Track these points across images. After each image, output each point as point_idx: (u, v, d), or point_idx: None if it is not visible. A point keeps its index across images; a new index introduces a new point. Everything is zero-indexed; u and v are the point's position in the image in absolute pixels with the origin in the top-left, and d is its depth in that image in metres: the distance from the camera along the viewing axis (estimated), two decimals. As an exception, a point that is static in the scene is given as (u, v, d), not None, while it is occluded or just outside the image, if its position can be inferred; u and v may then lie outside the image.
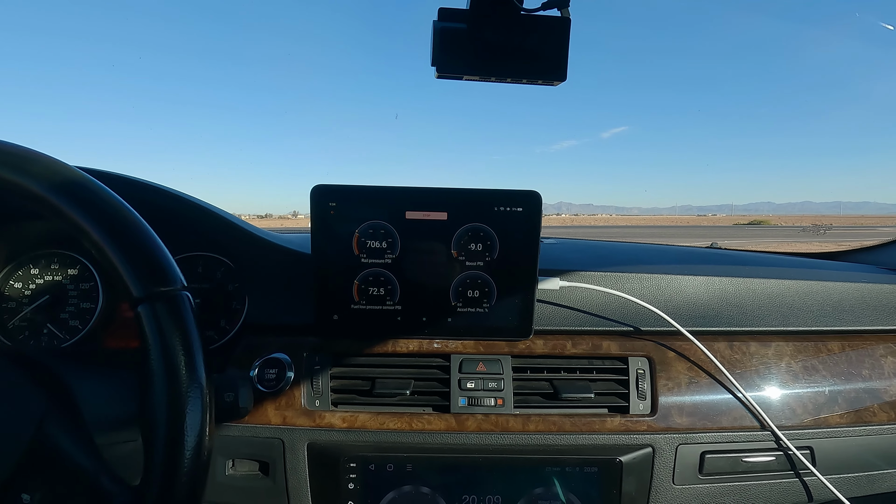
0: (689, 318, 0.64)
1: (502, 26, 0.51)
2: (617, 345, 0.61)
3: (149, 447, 0.33)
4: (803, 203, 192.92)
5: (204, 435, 0.35)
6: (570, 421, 0.57)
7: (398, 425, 0.56)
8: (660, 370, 0.60)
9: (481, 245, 0.57)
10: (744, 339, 0.64)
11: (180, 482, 0.33)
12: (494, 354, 0.59)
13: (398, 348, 0.59)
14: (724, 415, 0.59)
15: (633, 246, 0.91)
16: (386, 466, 0.55)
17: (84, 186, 0.36)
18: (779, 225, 20.83)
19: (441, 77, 0.53)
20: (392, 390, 0.57)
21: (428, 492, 0.55)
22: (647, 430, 0.57)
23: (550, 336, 0.62)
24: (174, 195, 0.62)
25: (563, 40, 0.52)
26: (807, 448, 0.59)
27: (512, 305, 0.59)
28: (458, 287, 0.58)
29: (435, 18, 0.51)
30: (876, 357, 0.65)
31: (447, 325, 0.59)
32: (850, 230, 17.25)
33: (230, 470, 0.56)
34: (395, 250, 0.57)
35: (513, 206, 0.57)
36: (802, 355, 0.63)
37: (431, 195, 0.57)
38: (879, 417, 0.61)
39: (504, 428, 0.56)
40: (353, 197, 0.56)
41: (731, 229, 18.97)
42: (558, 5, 0.51)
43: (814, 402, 0.61)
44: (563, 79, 0.53)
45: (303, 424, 0.56)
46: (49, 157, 0.37)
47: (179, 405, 0.34)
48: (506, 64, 0.53)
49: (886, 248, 0.93)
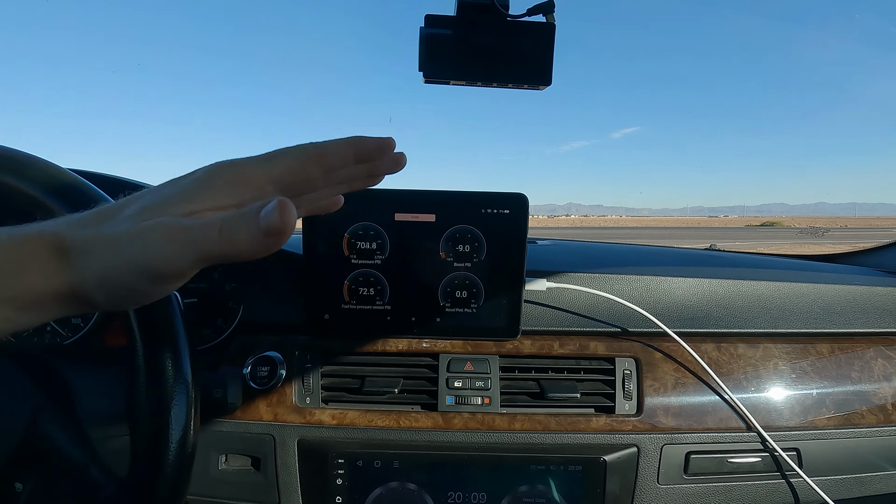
0: (678, 320, 0.64)
1: (488, 32, 0.53)
2: (604, 345, 0.62)
3: (135, 440, 0.34)
4: (817, 204, 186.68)
5: (189, 429, 0.36)
6: (555, 420, 0.58)
7: (386, 423, 0.57)
8: (646, 371, 0.60)
9: (469, 246, 0.58)
10: (732, 341, 0.64)
11: (164, 474, 0.34)
12: (482, 354, 0.60)
13: (387, 347, 0.61)
14: (710, 415, 0.59)
15: (626, 247, 0.91)
16: (373, 463, 0.56)
17: (76, 188, 0.38)
18: (791, 227, 20.61)
19: (428, 82, 0.54)
20: (381, 388, 0.58)
21: (414, 488, 0.56)
22: (632, 430, 0.58)
23: (538, 336, 0.62)
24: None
25: (548, 45, 0.53)
26: (793, 450, 0.59)
27: (500, 306, 0.60)
28: (446, 288, 0.59)
29: (421, 25, 0.52)
30: (866, 360, 0.65)
31: (436, 325, 0.60)
32: (852, 231, 17.01)
33: (223, 465, 0.58)
34: (385, 251, 0.59)
35: (500, 209, 0.58)
36: (791, 357, 0.64)
37: (420, 197, 0.58)
38: (868, 420, 0.61)
39: (490, 426, 0.57)
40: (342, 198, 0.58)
41: (741, 231, 18.79)
42: (543, 11, 0.52)
43: (801, 404, 0.61)
44: (548, 83, 0.54)
45: (293, 421, 0.57)
46: (44, 161, 0.39)
47: (165, 399, 0.35)
48: (492, 69, 0.54)
49: (886, 250, 0.92)
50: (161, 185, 0.27)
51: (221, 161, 0.27)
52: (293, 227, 0.23)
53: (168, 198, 0.26)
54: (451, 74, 0.54)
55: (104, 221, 0.26)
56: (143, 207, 0.26)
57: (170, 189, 0.26)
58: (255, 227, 0.22)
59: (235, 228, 0.23)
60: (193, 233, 0.24)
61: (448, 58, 0.53)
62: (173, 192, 0.26)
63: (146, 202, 0.26)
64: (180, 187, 0.26)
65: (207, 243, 0.23)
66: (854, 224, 27.87)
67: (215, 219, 0.24)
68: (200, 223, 0.24)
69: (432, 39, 0.52)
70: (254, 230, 0.22)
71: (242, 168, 0.27)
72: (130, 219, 0.25)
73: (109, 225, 0.26)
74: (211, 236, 0.23)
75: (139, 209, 0.26)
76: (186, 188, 0.26)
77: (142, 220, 0.25)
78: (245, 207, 0.23)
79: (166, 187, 0.27)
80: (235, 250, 0.23)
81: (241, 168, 0.27)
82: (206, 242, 0.23)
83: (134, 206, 0.26)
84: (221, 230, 0.23)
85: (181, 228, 0.24)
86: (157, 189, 0.27)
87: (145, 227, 0.24)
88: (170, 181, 0.28)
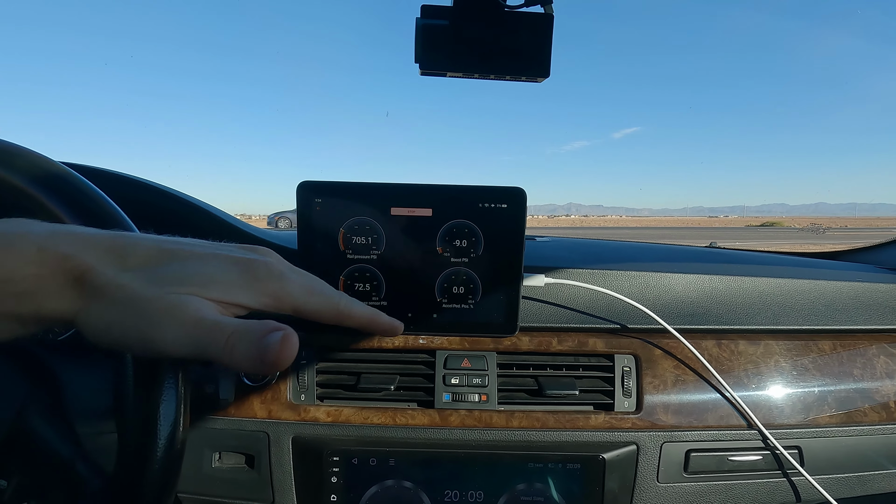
0: (678, 317, 0.63)
1: (485, 23, 0.52)
2: (603, 342, 0.61)
3: (122, 435, 0.34)
4: (817, 204, 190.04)
5: (178, 424, 0.35)
6: (553, 417, 0.57)
7: (382, 420, 0.56)
8: (646, 368, 0.60)
9: (466, 241, 0.57)
10: (732, 338, 0.63)
11: (152, 470, 0.33)
12: (479, 351, 0.60)
13: (383, 344, 0.60)
14: (711, 413, 0.58)
15: (625, 244, 0.91)
16: (369, 461, 0.55)
17: (65, 180, 0.37)
18: (792, 227, 20.56)
19: (425, 74, 0.54)
20: (377, 385, 0.57)
21: (410, 486, 0.56)
22: (631, 428, 0.57)
23: (536, 333, 0.62)
24: (161, 191, 0.63)
25: (546, 37, 0.52)
26: (795, 448, 0.58)
27: (497, 302, 0.59)
28: (443, 283, 0.58)
29: (418, 16, 0.52)
30: (868, 357, 0.64)
31: (432, 321, 0.59)
32: (852, 231, 17.00)
33: (217, 462, 0.57)
34: (381, 246, 0.58)
35: (497, 203, 0.57)
36: (792, 354, 0.63)
37: (416, 192, 0.57)
38: (870, 418, 0.60)
39: (487, 424, 0.56)
40: (338, 193, 0.57)
41: (741, 231, 18.79)
42: (541, 2, 0.52)
43: (803, 401, 0.60)
44: (546, 75, 0.53)
45: (288, 418, 0.56)
46: (32, 152, 0.38)
47: (153, 394, 0.34)
48: (489, 61, 0.53)
49: (886, 247, 0.91)
50: (207, 253, 0.27)
51: (271, 264, 0.29)
52: (290, 361, 0.25)
53: (208, 280, 0.26)
54: (447, 66, 0.53)
55: (136, 268, 0.25)
56: (182, 277, 0.26)
57: (214, 268, 0.27)
58: (256, 349, 0.24)
59: (238, 344, 0.24)
60: (204, 331, 0.25)
61: (445, 49, 0.52)
62: (216, 274, 0.26)
63: (188, 272, 0.26)
64: (224, 272, 0.27)
65: (212, 347, 0.25)
66: (854, 224, 27.81)
67: (227, 325, 0.25)
68: (213, 323, 0.25)
69: (429, 30, 0.51)
70: (254, 352, 0.24)
71: (283, 285, 0.28)
72: (163, 283, 0.25)
73: (140, 278, 0.25)
74: (217, 341, 0.25)
75: (177, 277, 0.25)
76: (231, 278, 0.27)
77: (173, 290, 0.25)
78: (253, 326, 0.25)
79: (210, 263, 0.27)
80: (233, 362, 0.25)
81: (282, 284, 0.28)
82: (211, 345, 0.25)
83: (174, 268, 0.26)
84: (228, 340, 0.24)
85: (197, 321, 0.25)
86: (203, 258, 0.27)
87: (172, 303, 0.25)
88: (217, 252, 0.28)
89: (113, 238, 0.26)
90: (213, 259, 0.27)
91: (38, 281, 0.24)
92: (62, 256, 0.24)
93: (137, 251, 0.26)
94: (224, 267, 0.27)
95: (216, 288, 0.26)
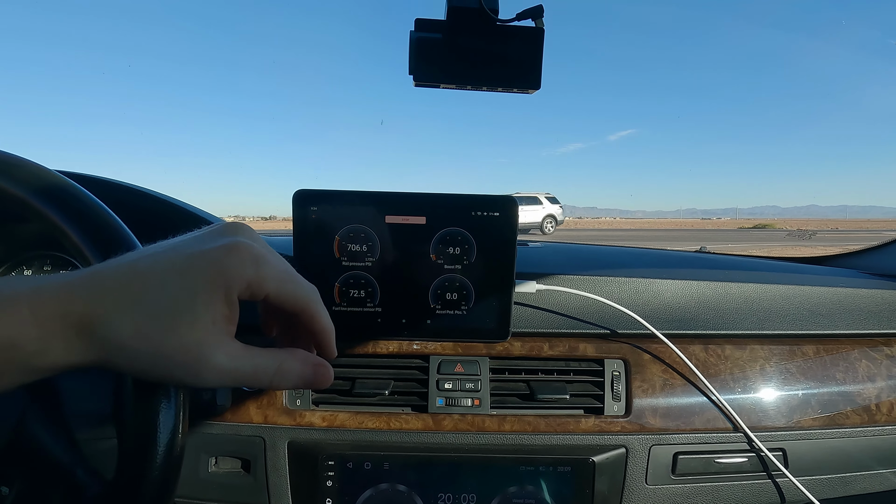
0: (666, 322, 0.65)
1: (478, 36, 0.53)
2: (593, 347, 0.62)
3: (122, 441, 0.34)
4: (809, 207, 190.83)
5: (177, 431, 0.36)
6: (545, 421, 0.58)
7: (377, 424, 0.57)
8: (635, 372, 0.61)
9: (459, 249, 0.59)
10: (719, 343, 0.65)
11: (151, 476, 0.34)
12: (472, 356, 0.61)
13: (378, 349, 0.61)
14: (698, 416, 0.60)
15: (616, 250, 0.92)
16: (363, 465, 0.56)
17: (64, 190, 0.38)
18: (783, 229, 20.76)
19: (419, 85, 0.55)
20: (371, 390, 0.58)
21: (404, 490, 0.56)
22: (620, 431, 0.58)
23: (528, 338, 0.63)
24: (158, 198, 0.63)
25: (537, 50, 0.54)
26: (779, 450, 0.60)
27: (490, 308, 0.60)
28: (436, 290, 0.59)
29: (412, 29, 0.53)
30: (850, 360, 0.66)
31: (426, 326, 0.60)
32: (842, 234, 17.16)
33: (213, 467, 0.58)
34: (375, 253, 0.59)
35: (490, 211, 0.58)
36: (777, 358, 0.64)
37: (410, 200, 0.58)
38: (852, 420, 0.62)
39: (480, 428, 0.58)
40: (333, 201, 0.58)
41: (733, 233, 18.91)
42: (532, 16, 0.53)
43: (787, 404, 0.62)
44: (537, 87, 0.55)
45: (283, 423, 0.57)
46: (31, 162, 0.39)
47: (153, 401, 0.35)
48: (481, 72, 0.54)
49: (870, 252, 0.93)
50: (176, 268, 0.27)
51: (248, 248, 0.29)
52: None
53: (221, 319, 0.28)
54: (441, 78, 0.54)
55: (150, 322, 0.25)
56: (206, 323, 0.27)
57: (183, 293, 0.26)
58: (299, 378, 0.31)
59: (287, 376, 0.30)
60: (243, 378, 0.28)
61: (438, 61, 0.53)
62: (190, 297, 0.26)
63: (212, 316, 0.27)
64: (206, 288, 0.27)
65: (257, 382, 0.29)
66: (844, 226, 28.11)
67: (269, 365, 0.29)
68: (253, 368, 0.29)
69: (422, 43, 0.53)
70: (300, 384, 0.31)
71: (259, 271, 0.30)
72: (170, 323, 0.26)
73: (152, 333, 0.25)
74: (263, 380, 0.29)
75: (204, 324, 0.27)
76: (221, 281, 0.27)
77: (182, 333, 0.26)
78: (297, 358, 0.31)
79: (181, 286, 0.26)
80: (282, 387, 0.31)
81: (258, 271, 0.30)
82: (255, 382, 0.29)
83: (187, 318, 0.26)
84: (275, 374, 0.29)
85: (230, 372, 0.28)
86: (168, 280, 0.26)
87: (195, 357, 0.27)
88: (188, 267, 0.27)
89: (99, 278, 0.25)
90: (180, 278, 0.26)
91: (41, 343, 0.23)
92: (58, 314, 0.23)
93: (138, 277, 0.26)
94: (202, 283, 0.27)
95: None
